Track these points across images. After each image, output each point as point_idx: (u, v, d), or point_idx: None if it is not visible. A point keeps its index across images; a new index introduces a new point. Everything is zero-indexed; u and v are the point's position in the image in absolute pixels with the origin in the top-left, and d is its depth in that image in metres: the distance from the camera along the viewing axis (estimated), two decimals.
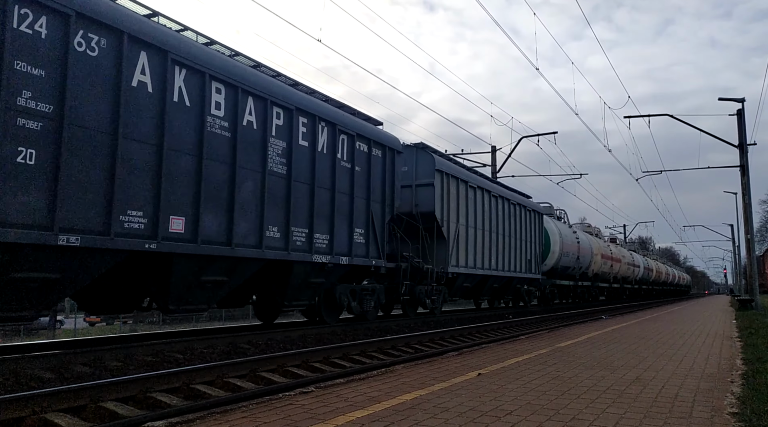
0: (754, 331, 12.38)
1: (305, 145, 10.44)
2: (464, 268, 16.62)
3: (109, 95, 7.11)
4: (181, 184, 8.02)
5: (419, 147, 15.66)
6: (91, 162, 6.88)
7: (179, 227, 7.96)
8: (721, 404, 4.83)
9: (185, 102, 8.15)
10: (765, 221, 70.78)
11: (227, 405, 4.84)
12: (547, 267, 24.60)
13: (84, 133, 6.80)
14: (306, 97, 10.70)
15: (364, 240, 12.08)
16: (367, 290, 12.74)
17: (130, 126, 7.35)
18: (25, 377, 6.20)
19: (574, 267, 27.64)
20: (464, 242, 16.65)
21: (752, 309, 24.11)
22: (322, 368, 7.88)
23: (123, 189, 7.22)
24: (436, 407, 4.63)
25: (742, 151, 24.67)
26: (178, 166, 8.00)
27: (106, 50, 7.11)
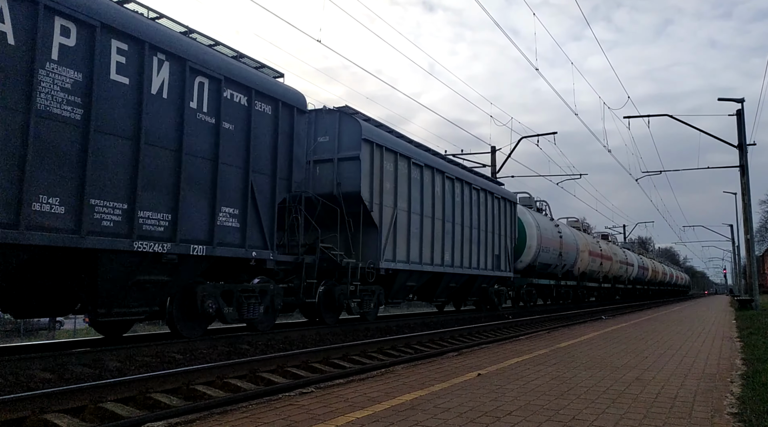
0: (754, 331, 12.39)
1: (123, 82, 7.57)
2: (404, 263, 13.52)
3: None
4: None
5: (343, 111, 12.58)
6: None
7: None
8: (721, 404, 4.83)
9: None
10: (764, 221, 70.81)
11: (227, 406, 4.84)
12: (522, 264, 22.24)
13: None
14: (123, 12, 7.71)
15: (239, 224, 9.24)
16: (252, 291, 9.76)
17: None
18: (24, 377, 6.20)
19: (556, 265, 25.39)
20: (405, 232, 13.62)
21: (752, 309, 24.11)
22: (321, 369, 7.88)
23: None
24: (436, 407, 4.63)
25: (741, 152, 24.68)
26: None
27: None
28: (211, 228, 8.75)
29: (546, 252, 24.04)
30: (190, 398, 5.94)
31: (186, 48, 8.46)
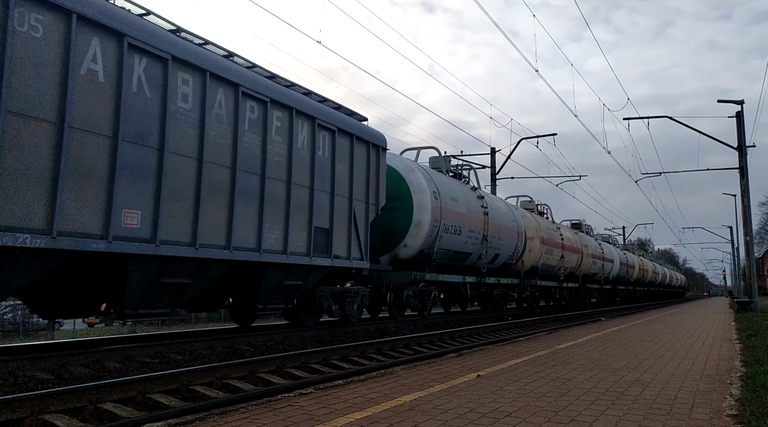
0: (753, 333, 12.39)
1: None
2: (141, 243, 7.42)
3: None
4: None
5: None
6: None
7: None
8: (721, 405, 4.83)
9: None
10: (764, 222, 70.91)
11: (226, 406, 4.84)
12: (409, 250, 14.61)
13: None
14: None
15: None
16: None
17: None
18: (23, 378, 6.19)
19: (480, 255, 17.79)
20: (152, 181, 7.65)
21: (751, 311, 24.12)
22: (321, 370, 7.88)
23: None
24: (435, 408, 4.63)
25: (741, 154, 24.69)
26: None
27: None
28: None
29: (456, 234, 15.98)
30: (190, 399, 5.94)
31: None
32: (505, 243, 19.87)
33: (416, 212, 14.69)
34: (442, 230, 15.45)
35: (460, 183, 17.94)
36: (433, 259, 15.44)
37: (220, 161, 8.77)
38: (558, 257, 25.57)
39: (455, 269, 17.59)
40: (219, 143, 8.77)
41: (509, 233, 20.24)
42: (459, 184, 17.68)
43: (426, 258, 15.18)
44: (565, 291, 28.29)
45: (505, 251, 20.13)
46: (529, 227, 22.55)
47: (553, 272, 25.86)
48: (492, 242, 18.74)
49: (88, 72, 7.00)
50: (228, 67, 8.97)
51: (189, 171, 8.25)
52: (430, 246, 15.18)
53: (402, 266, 15.04)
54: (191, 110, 8.33)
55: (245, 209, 9.21)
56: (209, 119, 8.59)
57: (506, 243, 20.00)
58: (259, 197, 9.48)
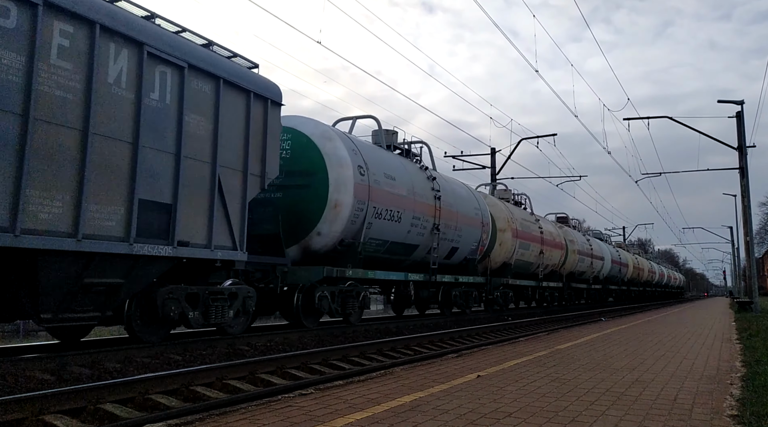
0: (754, 333, 12.38)
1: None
2: None
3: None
4: None
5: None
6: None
7: None
8: (721, 406, 4.83)
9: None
10: (764, 223, 70.90)
11: (226, 407, 4.84)
12: (325, 240, 11.74)
13: None
14: None
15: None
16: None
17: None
18: (24, 378, 6.19)
19: (431, 248, 15.01)
20: None
21: (751, 311, 24.11)
22: (321, 370, 7.88)
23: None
24: (436, 409, 4.62)
25: (741, 154, 24.69)
26: None
27: None
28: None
29: (392, 220, 13.22)
30: (190, 399, 5.94)
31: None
32: (465, 235, 16.75)
33: (333, 191, 11.62)
34: (372, 214, 12.38)
35: (403, 160, 14.70)
36: (360, 251, 12.24)
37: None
38: (536, 253, 22.71)
39: (398, 265, 14.58)
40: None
41: (471, 222, 17.08)
42: (401, 161, 14.42)
43: (350, 250, 12.05)
44: (546, 292, 25.15)
45: (467, 245, 17.03)
46: (499, 218, 19.86)
47: (530, 269, 22.99)
48: (446, 232, 15.61)
49: None
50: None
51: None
52: (356, 235, 12.12)
53: (318, 260, 11.86)
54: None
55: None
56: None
57: (467, 235, 16.91)
58: (16, 148, 6.20)
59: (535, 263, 23.28)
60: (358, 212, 12.02)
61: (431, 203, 14.92)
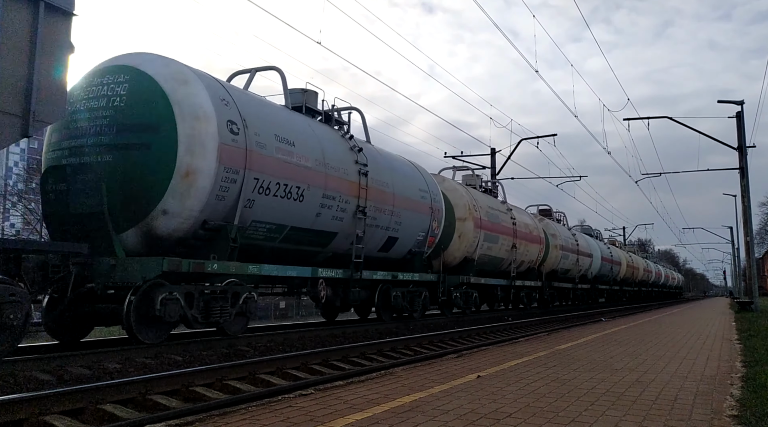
0: (754, 333, 12.38)
1: None
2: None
3: None
4: None
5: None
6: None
7: None
8: (721, 406, 4.83)
9: None
10: (764, 223, 70.82)
11: (226, 407, 4.84)
12: (174, 221, 8.64)
13: None
14: None
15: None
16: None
17: None
18: (24, 379, 6.19)
19: (353, 237, 12.11)
20: None
21: (752, 311, 24.11)
22: (321, 371, 7.88)
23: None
24: (436, 409, 4.63)
25: (741, 154, 24.69)
26: None
27: None
28: None
29: (289, 198, 10.21)
30: (190, 400, 5.94)
31: None
32: (407, 223, 13.83)
33: (184, 153, 8.46)
34: (253, 188, 9.38)
35: (312, 122, 11.57)
36: (234, 238, 9.21)
37: None
38: (507, 247, 19.90)
39: (309, 258, 11.58)
40: None
41: (415, 207, 14.14)
42: (308, 123, 11.28)
43: (219, 237, 9.13)
44: (522, 291, 22.32)
45: (410, 235, 14.10)
46: (458, 204, 17.07)
47: (501, 266, 20.16)
48: (379, 218, 12.71)
49: None
50: None
51: None
52: (227, 215, 9.14)
53: (171, 249, 8.85)
54: None
55: None
56: None
57: (411, 223, 13.96)
58: None
59: (507, 259, 20.39)
60: (228, 184, 8.99)
61: (353, 180, 11.79)
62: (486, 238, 18.28)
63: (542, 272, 24.37)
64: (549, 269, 24.94)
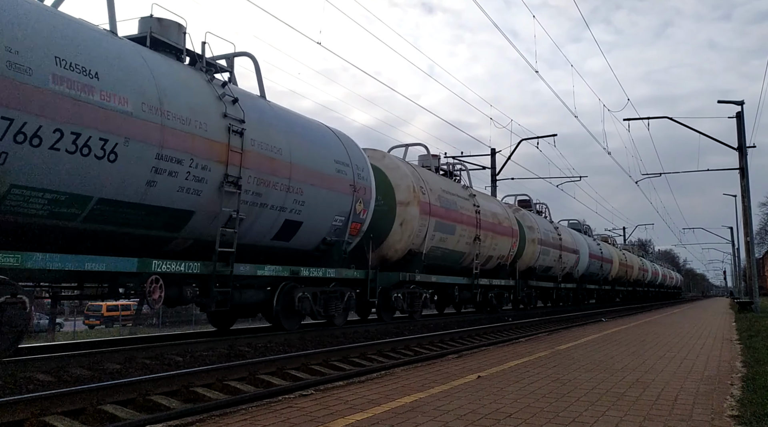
0: (754, 333, 12.38)
1: None
2: None
3: None
4: None
5: None
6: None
7: None
8: (721, 406, 4.82)
9: None
10: (764, 223, 70.89)
11: (226, 408, 4.84)
12: None
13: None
14: None
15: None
16: None
17: None
18: (24, 379, 6.19)
19: (220, 218, 9.15)
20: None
21: (752, 311, 24.11)
22: (321, 371, 7.88)
23: None
24: (436, 409, 4.62)
25: (741, 154, 24.68)
26: None
27: None
28: None
29: (175, 164, 8.35)
30: (190, 401, 5.94)
31: None
32: (315, 203, 11.00)
33: None
34: (3, 134, 6.38)
35: (142, 50, 8.41)
36: None
37: None
38: (467, 240, 17.06)
39: (154, 247, 8.84)
40: None
41: (328, 184, 11.32)
42: (136, 51, 8.20)
43: None
44: (493, 292, 19.62)
45: (319, 218, 11.28)
46: (399, 185, 14.22)
47: (459, 262, 17.36)
48: (267, 195, 9.91)
49: None
50: None
51: None
52: None
53: None
54: None
55: None
56: None
57: (321, 203, 11.16)
58: None
59: (468, 253, 17.56)
60: None
61: (218, 139, 8.96)
62: (438, 227, 15.38)
63: (516, 269, 21.16)
64: (526, 265, 22.17)
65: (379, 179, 13.93)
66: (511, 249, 20.62)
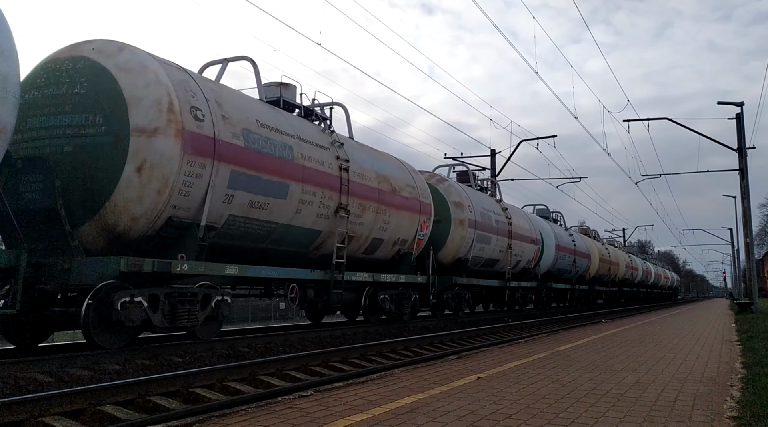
0: (754, 334, 12.37)
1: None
2: None
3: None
4: None
5: None
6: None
7: None
8: (721, 407, 4.83)
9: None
10: (764, 224, 70.90)
11: (226, 409, 4.84)
12: None
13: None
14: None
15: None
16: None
17: None
18: (23, 380, 6.19)
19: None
20: None
21: (751, 313, 24.11)
22: (321, 372, 7.88)
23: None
24: (436, 410, 4.62)
25: (741, 155, 24.70)
26: None
27: None
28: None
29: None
30: (190, 401, 5.94)
31: None
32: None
33: None
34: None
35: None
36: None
37: None
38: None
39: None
40: None
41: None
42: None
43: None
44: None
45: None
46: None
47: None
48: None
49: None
50: None
51: None
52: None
53: None
54: None
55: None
56: None
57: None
58: None
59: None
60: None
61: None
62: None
63: (433, 262, 16.82)
64: (454, 256, 17.03)
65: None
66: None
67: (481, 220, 18.03)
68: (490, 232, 18.54)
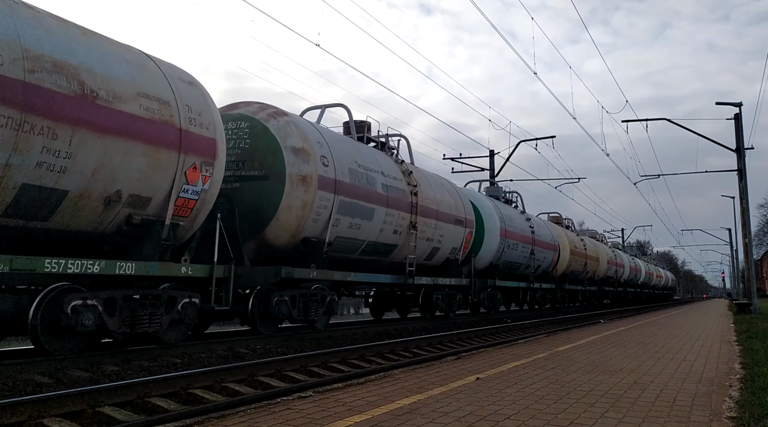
0: (753, 335, 12.38)
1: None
2: None
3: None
4: None
5: None
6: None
7: None
8: (720, 408, 4.83)
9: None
10: (763, 224, 70.86)
11: (225, 410, 4.84)
12: None
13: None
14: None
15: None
16: None
17: None
18: (22, 381, 6.18)
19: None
20: None
21: (750, 313, 24.13)
22: (320, 373, 7.88)
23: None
24: (435, 411, 4.62)
25: (739, 156, 24.73)
26: None
27: None
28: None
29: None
30: (189, 403, 5.94)
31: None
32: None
33: None
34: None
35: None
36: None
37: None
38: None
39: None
40: None
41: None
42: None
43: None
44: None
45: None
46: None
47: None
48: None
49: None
50: None
51: None
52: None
53: None
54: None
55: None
56: None
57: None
58: None
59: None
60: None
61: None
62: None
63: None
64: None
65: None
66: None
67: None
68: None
